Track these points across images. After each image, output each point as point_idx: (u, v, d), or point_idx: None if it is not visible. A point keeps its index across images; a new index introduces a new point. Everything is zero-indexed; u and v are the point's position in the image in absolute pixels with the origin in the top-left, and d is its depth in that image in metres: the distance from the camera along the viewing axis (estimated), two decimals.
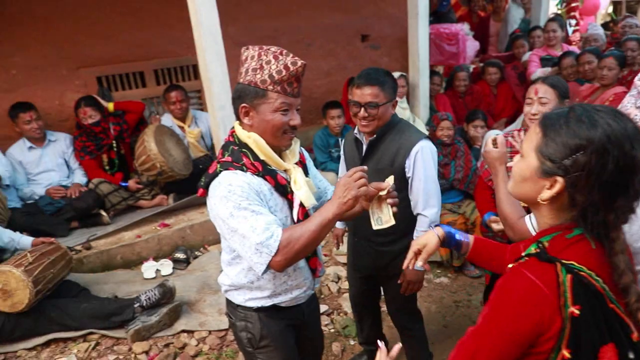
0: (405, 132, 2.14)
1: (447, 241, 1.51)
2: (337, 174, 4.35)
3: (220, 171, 1.48)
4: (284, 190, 1.56)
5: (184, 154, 4.12)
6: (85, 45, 4.35)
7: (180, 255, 3.57)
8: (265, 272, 1.43)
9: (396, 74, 5.12)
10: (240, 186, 1.43)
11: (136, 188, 4.12)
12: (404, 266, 1.54)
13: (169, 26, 4.65)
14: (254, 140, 1.51)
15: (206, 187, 1.52)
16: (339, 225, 2.58)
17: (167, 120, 4.37)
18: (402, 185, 2.12)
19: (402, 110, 5.15)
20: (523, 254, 1.06)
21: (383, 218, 1.61)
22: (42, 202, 3.90)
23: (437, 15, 6.32)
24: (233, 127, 1.60)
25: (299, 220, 1.56)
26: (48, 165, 4.07)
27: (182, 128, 4.37)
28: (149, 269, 3.46)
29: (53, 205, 3.86)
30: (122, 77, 4.65)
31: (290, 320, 1.75)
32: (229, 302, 1.75)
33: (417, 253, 1.52)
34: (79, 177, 4.15)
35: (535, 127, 1.05)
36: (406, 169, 2.11)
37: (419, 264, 1.51)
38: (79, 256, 3.46)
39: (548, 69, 4.85)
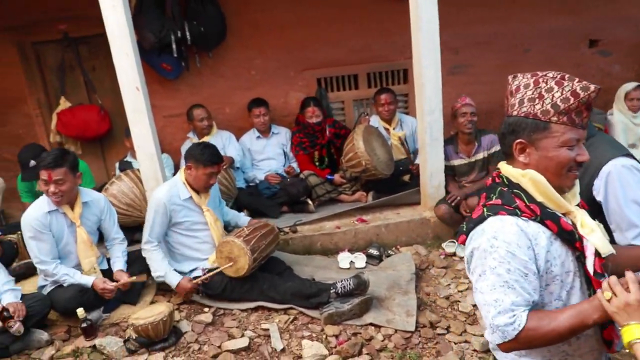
0: (598, 149, 1.79)
1: None
2: None
3: (488, 216, 1.31)
4: (570, 237, 1.30)
5: (388, 155, 4.27)
6: (311, 50, 4.85)
7: (373, 251, 3.71)
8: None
9: (631, 85, 4.46)
10: (506, 242, 1.25)
11: (340, 182, 4.42)
12: None
13: (385, 32, 4.86)
14: (531, 178, 1.31)
15: (467, 233, 1.37)
16: None
17: (375, 121, 4.58)
18: (594, 211, 1.78)
19: (634, 126, 4.47)
20: None
21: None
22: (261, 185, 4.48)
23: None
24: (498, 169, 1.43)
25: (595, 273, 1.30)
26: (269, 154, 4.66)
27: (387, 130, 4.53)
28: (344, 259, 3.66)
29: (270, 189, 4.41)
30: (337, 79, 5.05)
31: None
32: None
33: None
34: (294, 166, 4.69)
35: None
36: (594, 192, 1.80)
37: None
38: (286, 237, 3.86)
39: None
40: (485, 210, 1.33)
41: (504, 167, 1.40)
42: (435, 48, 3.45)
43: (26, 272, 3.50)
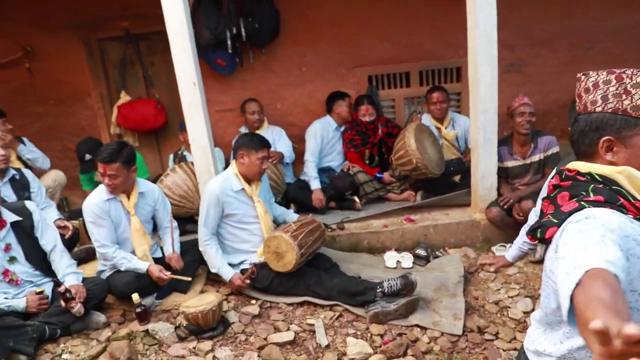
0: None
1: None
2: None
3: (587, 207, 1.20)
4: None
5: (439, 154, 4.19)
6: (363, 47, 4.83)
7: (421, 252, 3.66)
8: (568, 314, 1.01)
9: None
10: (604, 220, 1.13)
11: (389, 181, 4.38)
12: None
13: (439, 30, 4.77)
14: (629, 175, 1.23)
15: (560, 225, 1.23)
16: None
17: (426, 120, 4.50)
18: None
19: None
20: None
21: None
22: None
23: None
24: (573, 169, 1.34)
25: None
26: (338, 148, 4.65)
27: (439, 129, 4.45)
28: (390, 258, 3.63)
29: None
30: (389, 77, 5.00)
31: None
32: None
33: None
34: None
35: None
36: None
37: None
38: (333, 234, 3.87)
39: None
40: (583, 204, 1.21)
41: (586, 165, 1.30)
42: (491, 46, 3.35)
43: (86, 256, 3.70)
